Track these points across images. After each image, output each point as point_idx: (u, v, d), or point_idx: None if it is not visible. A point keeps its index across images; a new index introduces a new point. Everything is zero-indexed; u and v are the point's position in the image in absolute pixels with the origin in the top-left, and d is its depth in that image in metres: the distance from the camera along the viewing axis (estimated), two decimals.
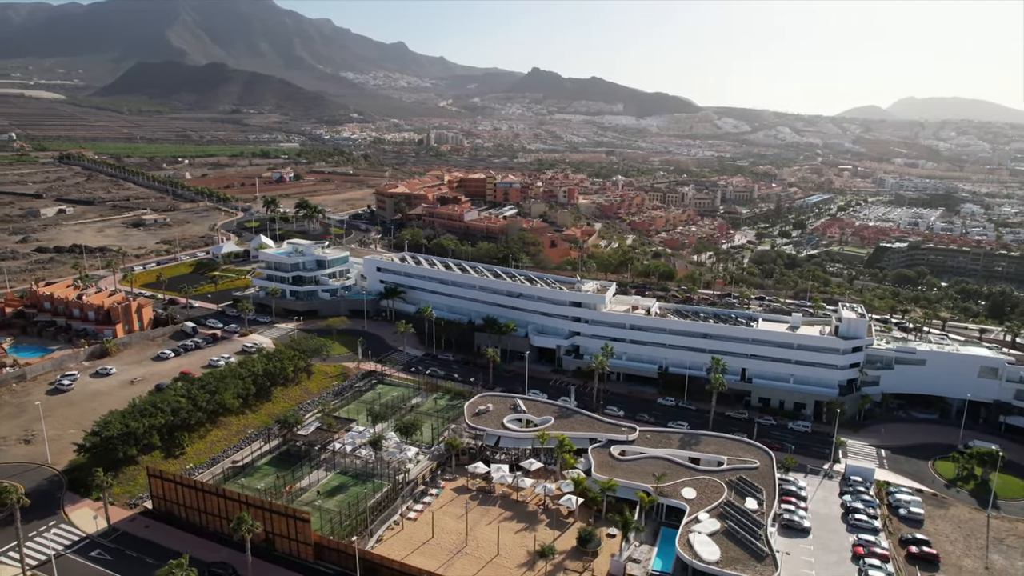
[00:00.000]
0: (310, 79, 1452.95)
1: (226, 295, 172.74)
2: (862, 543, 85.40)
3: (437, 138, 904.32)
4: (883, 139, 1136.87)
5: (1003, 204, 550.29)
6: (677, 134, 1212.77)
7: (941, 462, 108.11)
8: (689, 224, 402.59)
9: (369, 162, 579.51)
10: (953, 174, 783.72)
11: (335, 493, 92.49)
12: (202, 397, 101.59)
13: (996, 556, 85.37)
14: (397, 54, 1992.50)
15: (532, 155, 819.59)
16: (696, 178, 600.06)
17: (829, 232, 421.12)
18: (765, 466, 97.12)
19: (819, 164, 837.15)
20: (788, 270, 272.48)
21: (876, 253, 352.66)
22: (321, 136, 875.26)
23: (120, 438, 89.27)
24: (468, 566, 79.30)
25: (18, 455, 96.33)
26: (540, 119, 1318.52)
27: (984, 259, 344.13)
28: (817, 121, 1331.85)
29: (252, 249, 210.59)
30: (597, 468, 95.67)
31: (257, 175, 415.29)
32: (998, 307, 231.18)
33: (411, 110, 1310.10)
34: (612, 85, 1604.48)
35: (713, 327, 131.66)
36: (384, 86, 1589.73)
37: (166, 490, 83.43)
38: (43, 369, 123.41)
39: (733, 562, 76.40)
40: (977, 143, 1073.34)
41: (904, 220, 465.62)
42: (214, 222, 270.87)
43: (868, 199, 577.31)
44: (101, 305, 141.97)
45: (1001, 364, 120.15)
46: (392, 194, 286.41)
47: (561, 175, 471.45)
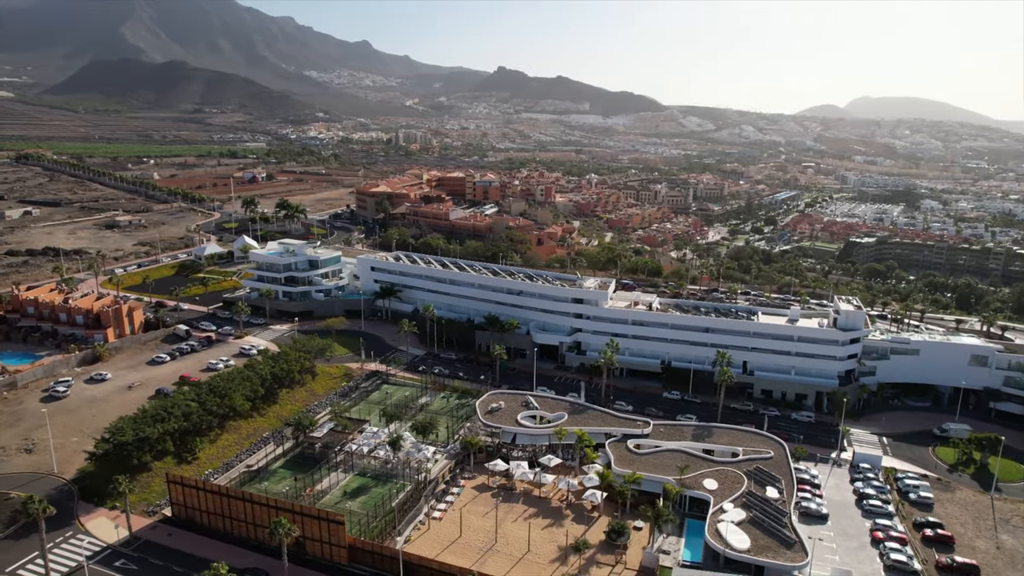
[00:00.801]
0: (273, 78, 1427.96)
1: (215, 297, 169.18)
2: (879, 527, 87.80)
3: (406, 137, 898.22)
4: (842, 137, 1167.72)
5: (959, 200, 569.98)
6: (643, 133, 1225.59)
7: (941, 448, 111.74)
8: (664, 221, 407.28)
9: (339, 161, 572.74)
10: (910, 171, 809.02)
11: (357, 495, 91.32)
12: (212, 401, 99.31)
13: (1005, 536, 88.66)
14: (361, 53, 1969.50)
15: (502, 154, 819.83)
16: (666, 176, 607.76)
17: (799, 228, 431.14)
18: (779, 456, 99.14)
19: (783, 162, 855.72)
20: (764, 265, 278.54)
21: (846, 248, 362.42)
22: (288, 136, 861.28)
23: (134, 444, 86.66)
24: (501, 564, 79.10)
25: (21, 465, 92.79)
26: (507, 118, 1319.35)
27: (947, 253, 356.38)
28: (779, 120, 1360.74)
29: (236, 250, 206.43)
30: (617, 462, 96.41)
31: (229, 175, 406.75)
32: (964, 298, 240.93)
33: (377, 109, 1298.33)
34: (578, 84, 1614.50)
35: (715, 321, 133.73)
36: (349, 85, 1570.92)
37: (187, 496, 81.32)
38: (34, 376, 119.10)
39: (763, 550, 77.84)
40: (930, 141, 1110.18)
41: (869, 216, 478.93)
42: (191, 223, 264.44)
43: (833, 195, 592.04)
44: (90, 309, 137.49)
45: (991, 352, 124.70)
46: (373, 193, 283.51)
47: (536, 174, 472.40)
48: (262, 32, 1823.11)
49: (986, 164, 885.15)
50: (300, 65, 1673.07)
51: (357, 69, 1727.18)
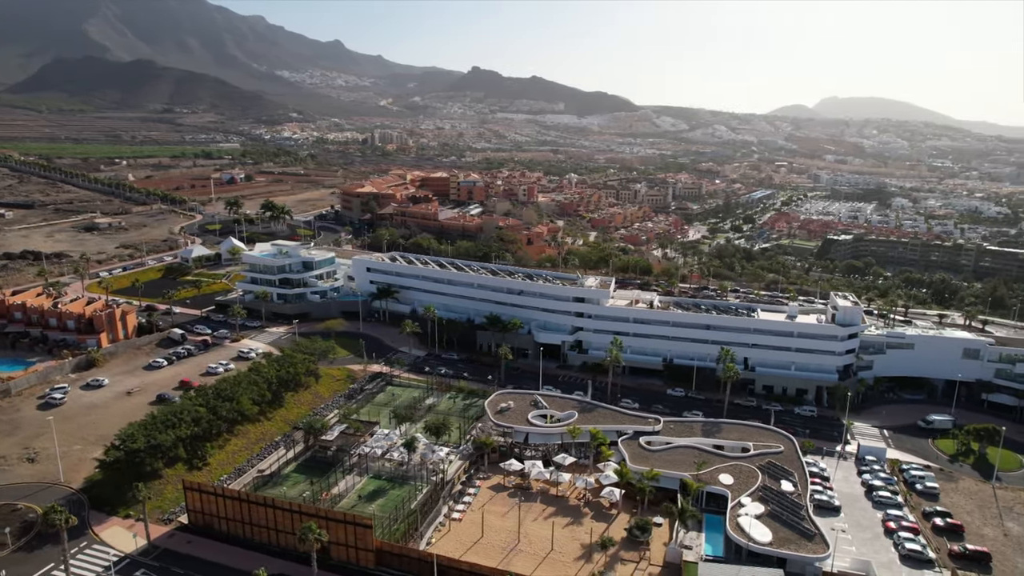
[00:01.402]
0: (244, 78, 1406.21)
1: (206, 300, 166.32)
2: (891, 518, 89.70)
3: (381, 137, 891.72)
4: (813, 136, 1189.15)
5: (928, 198, 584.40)
6: (618, 133, 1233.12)
7: (941, 439, 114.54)
8: (645, 220, 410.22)
9: (316, 162, 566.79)
10: (879, 170, 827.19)
11: (375, 497, 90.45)
12: (222, 406, 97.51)
13: (1011, 524, 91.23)
14: (333, 52, 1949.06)
15: (479, 154, 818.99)
16: (644, 175, 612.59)
17: (777, 226, 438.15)
18: (789, 450, 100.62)
19: (756, 161, 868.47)
20: (747, 263, 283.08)
21: (824, 245, 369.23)
22: (261, 136, 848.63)
23: (147, 451, 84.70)
24: (526, 563, 78.98)
25: (24, 475, 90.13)
26: (482, 118, 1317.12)
27: (921, 249, 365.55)
28: (751, 119, 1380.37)
29: (224, 252, 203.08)
30: (631, 459, 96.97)
31: (206, 176, 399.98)
32: (940, 293, 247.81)
33: (351, 109, 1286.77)
34: (552, 84, 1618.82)
35: (716, 318, 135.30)
36: (322, 85, 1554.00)
37: (205, 503, 79.73)
38: (28, 383, 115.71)
39: (785, 542, 79.02)
40: (897, 140, 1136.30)
41: (844, 214, 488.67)
42: (173, 225, 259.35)
43: (807, 194, 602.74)
44: (82, 313, 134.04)
45: (983, 346, 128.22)
46: (359, 194, 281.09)
47: (518, 173, 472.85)
48: (232, 31, 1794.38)
49: (950, 163, 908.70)
50: (272, 65, 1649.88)
51: (330, 69, 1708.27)
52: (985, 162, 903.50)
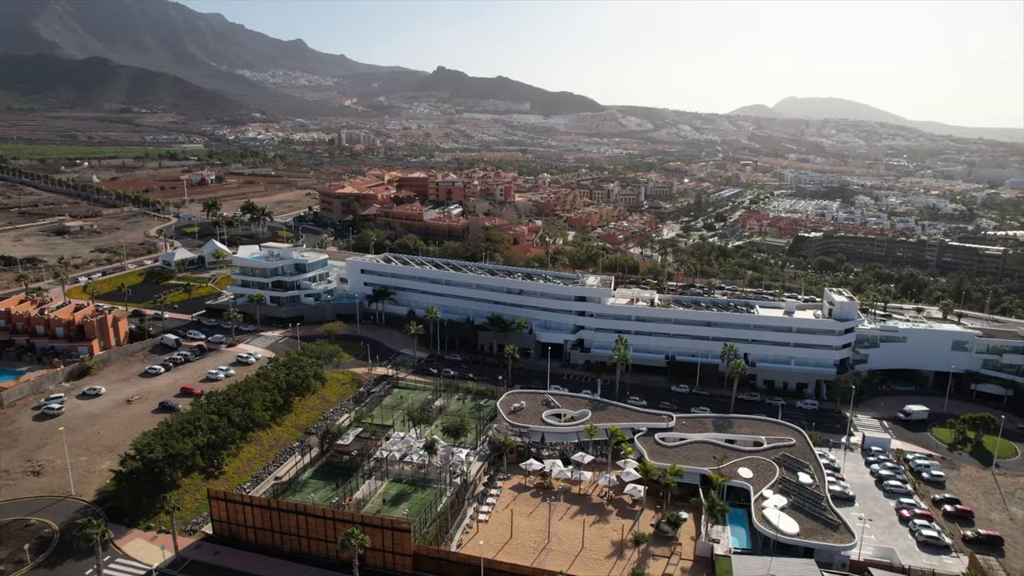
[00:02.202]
0: (204, 77, 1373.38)
1: (195, 304, 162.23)
2: (904, 506, 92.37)
3: (349, 138, 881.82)
4: (774, 136, 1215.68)
5: (888, 195, 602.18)
6: (584, 132, 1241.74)
7: (938, 429, 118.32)
8: (620, 220, 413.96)
9: (285, 163, 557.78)
10: (839, 168, 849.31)
11: (398, 501, 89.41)
12: (235, 412, 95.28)
13: (1015, 508, 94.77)
14: (296, 52, 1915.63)
15: (449, 154, 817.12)
16: (615, 175, 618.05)
17: (748, 224, 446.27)
18: (800, 443, 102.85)
19: (721, 160, 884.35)
20: (724, 260, 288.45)
21: (796, 242, 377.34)
22: (225, 137, 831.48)
23: (166, 461, 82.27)
24: (560, 562, 79.01)
25: (32, 488, 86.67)
26: (449, 118, 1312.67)
27: (887, 246, 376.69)
28: (714, 119, 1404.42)
29: (207, 255, 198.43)
30: (650, 455, 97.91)
31: (175, 178, 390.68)
32: (908, 288, 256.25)
33: (315, 109, 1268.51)
34: (518, 85, 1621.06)
35: (717, 315, 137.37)
36: (284, 85, 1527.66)
37: (231, 513, 77.78)
38: (21, 393, 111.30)
39: (811, 533, 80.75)
40: (854, 140, 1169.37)
41: (811, 211, 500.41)
42: (148, 228, 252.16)
43: (774, 192, 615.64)
44: (71, 320, 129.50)
45: (971, 337, 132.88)
46: (339, 195, 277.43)
47: (493, 173, 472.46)
48: (190, 29, 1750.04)
49: (906, 162, 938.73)
50: (232, 64, 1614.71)
51: (292, 68, 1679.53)
52: (938, 161, 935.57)
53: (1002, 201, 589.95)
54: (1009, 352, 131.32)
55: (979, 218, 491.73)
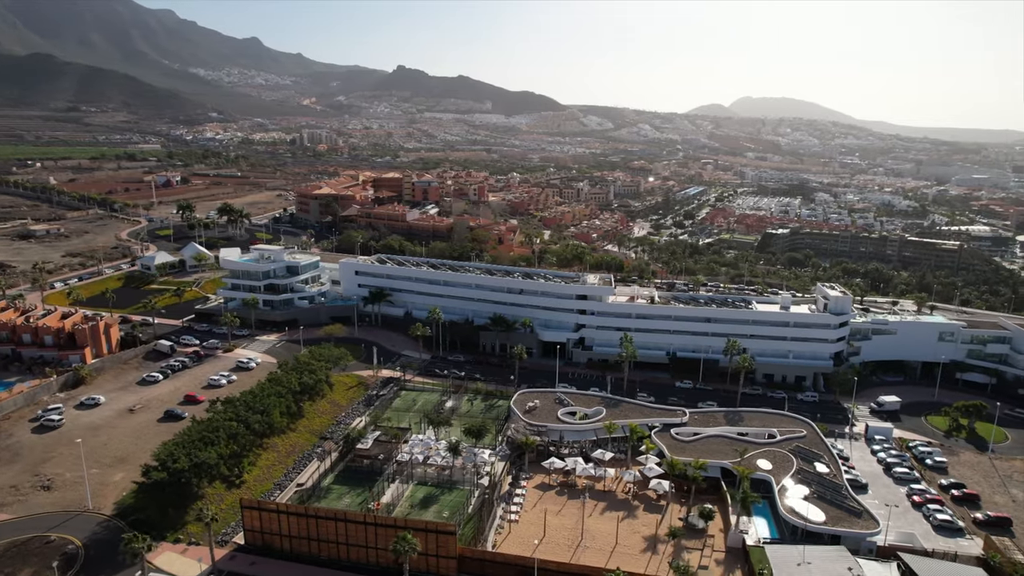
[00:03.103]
0: (157, 75, 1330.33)
1: (180, 309, 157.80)
2: (915, 492, 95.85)
3: (310, 138, 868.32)
4: (732, 135, 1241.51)
5: (846, 193, 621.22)
6: (547, 132, 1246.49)
7: (932, 416, 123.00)
8: (592, 218, 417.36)
9: (249, 163, 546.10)
10: (796, 166, 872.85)
11: (427, 504, 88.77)
12: (254, 419, 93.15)
13: (1016, 491, 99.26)
14: (251, 50, 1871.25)
15: (413, 154, 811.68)
16: (582, 174, 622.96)
17: (716, 221, 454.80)
18: (811, 434, 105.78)
19: (682, 159, 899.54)
20: (698, 257, 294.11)
21: (764, 239, 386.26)
22: (182, 137, 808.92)
23: (192, 471, 79.95)
24: (597, 559, 79.55)
25: (45, 504, 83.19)
26: (410, 118, 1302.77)
27: (851, 241, 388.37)
28: (673, 118, 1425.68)
29: (188, 259, 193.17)
30: (669, 450, 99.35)
31: (137, 179, 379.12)
32: (874, 282, 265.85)
33: (273, 109, 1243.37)
34: (479, 84, 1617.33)
35: (717, 311, 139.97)
36: (240, 83, 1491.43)
37: (265, 522, 76.07)
38: (15, 405, 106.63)
39: (837, 521, 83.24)
40: (809, 139, 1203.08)
41: (775, 208, 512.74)
42: (118, 231, 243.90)
43: (737, 190, 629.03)
44: (61, 328, 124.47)
45: (956, 329, 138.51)
46: (317, 196, 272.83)
47: (464, 173, 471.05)
48: (139, 26, 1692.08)
49: (858, 160, 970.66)
50: (185, 62, 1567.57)
51: (248, 67, 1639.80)
52: (888, 159, 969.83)
53: (951, 198, 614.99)
54: (992, 342, 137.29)
55: (931, 214, 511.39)
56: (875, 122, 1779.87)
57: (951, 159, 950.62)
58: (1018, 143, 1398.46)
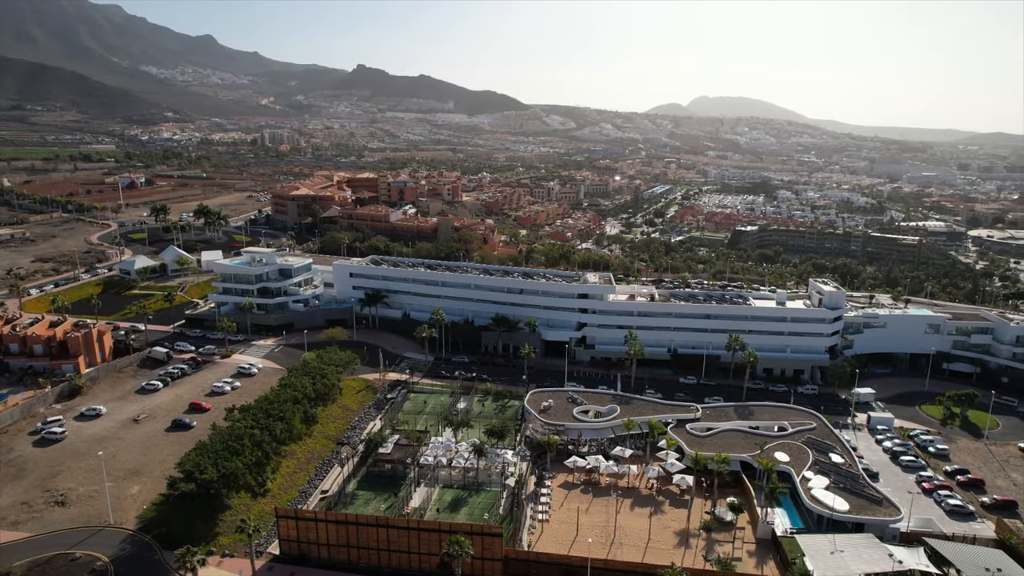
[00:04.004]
0: (105, 73, 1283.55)
1: (170, 315, 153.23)
2: (924, 479, 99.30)
3: (272, 138, 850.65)
4: (692, 134, 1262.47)
5: (807, 190, 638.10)
6: (510, 131, 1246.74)
7: (926, 405, 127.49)
8: (565, 217, 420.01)
9: (211, 164, 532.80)
10: (756, 164, 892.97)
11: (457, 507, 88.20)
12: (276, 426, 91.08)
13: (1015, 475, 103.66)
14: (205, 48, 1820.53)
15: (378, 154, 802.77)
16: (551, 173, 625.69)
17: (685, 219, 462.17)
18: (820, 426, 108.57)
19: (646, 158, 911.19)
20: (674, 254, 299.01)
21: (734, 236, 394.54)
22: (137, 137, 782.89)
23: (221, 481, 77.78)
24: (633, 555, 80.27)
25: (63, 520, 79.88)
26: (372, 117, 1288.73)
27: (817, 238, 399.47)
28: (634, 118, 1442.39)
29: (169, 263, 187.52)
30: (688, 445, 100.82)
31: (98, 181, 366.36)
32: (843, 277, 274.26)
33: (231, 109, 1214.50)
34: (441, 83, 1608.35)
35: (717, 308, 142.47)
36: (195, 82, 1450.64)
37: (302, 530, 74.48)
38: (11, 418, 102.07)
39: (860, 509, 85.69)
40: (766, 137, 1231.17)
41: (740, 206, 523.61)
42: (88, 235, 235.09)
43: (702, 188, 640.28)
44: (52, 336, 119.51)
45: (943, 321, 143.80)
46: (295, 197, 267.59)
47: (436, 173, 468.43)
48: (85, 21, 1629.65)
49: (815, 158, 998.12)
50: (136, 60, 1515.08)
51: (203, 65, 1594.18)
52: (843, 157, 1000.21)
53: (904, 194, 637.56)
54: (975, 333, 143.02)
55: (888, 210, 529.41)
56: (827, 121, 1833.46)
57: (901, 157, 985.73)
58: (960, 142, 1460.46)
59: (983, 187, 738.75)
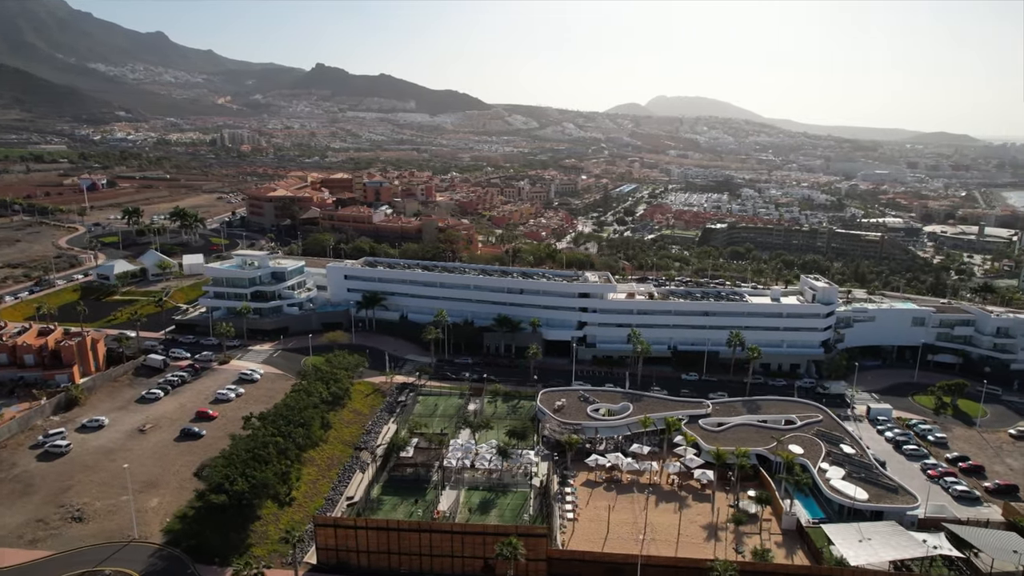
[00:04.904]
0: (50, 70, 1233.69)
1: (158, 321, 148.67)
2: (930, 467, 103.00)
3: (232, 138, 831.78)
4: (653, 133, 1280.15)
5: (768, 188, 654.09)
6: (472, 131, 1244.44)
7: (918, 396, 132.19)
8: (538, 217, 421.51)
9: (172, 164, 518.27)
10: (717, 163, 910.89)
11: (486, 508, 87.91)
12: (298, 433, 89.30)
13: (1009, 460, 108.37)
14: (156, 45, 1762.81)
15: (342, 154, 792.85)
16: (519, 173, 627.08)
17: (655, 217, 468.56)
18: (827, 418, 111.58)
19: (609, 157, 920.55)
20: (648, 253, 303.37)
21: (705, 234, 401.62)
22: (89, 137, 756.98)
23: (253, 491, 75.88)
24: (666, 550, 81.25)
25: (84, 536, 76.82)
26: (332, 117, 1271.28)
27: (784, 235, 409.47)
28: (595, 117, 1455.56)
29: (150, 267, 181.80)
30: (704, 440, 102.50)
31: (55, 183, 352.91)
32: (812, 272, 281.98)
33: (186, 108, 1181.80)
34: (402, 82, 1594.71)
35: (715, 305, 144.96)
36: (147, 81, 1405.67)
37: (341, 539, 73.24)
38: (9, 431, 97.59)
39: (879, 498, 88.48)
40: (724, 136, 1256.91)
41: (707, 205, 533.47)
42: (55, 239, 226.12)
43: (668, 187, 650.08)
44: (44, 345, 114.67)
45: (927, 314, 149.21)
46: (272, 198, 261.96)
47: (407, 173, 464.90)
48: (27, 16, 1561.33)
49: (772, 156, 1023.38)
50: (83, 57, 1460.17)
51: (154, 63, 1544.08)
52: (800, 156, 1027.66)
53: (861, 192, 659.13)
54: (958, 325, 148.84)
55: (848, 207, 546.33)
56: (782, 120, 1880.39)
57: (854, 156, 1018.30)
58: (907, 141, 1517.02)
59: (931, 184, 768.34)
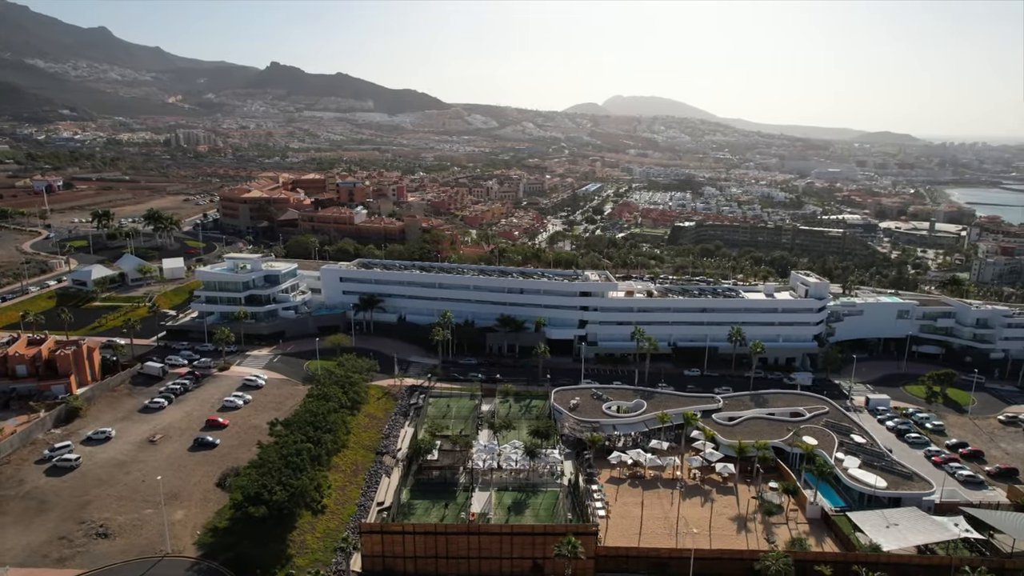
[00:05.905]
0: None
1: (147, 327, 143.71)
2: (933, 453, 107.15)
3: (187, 138, 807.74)
4: (611, 132, 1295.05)
5: (729, 186, 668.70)
6: (432, 131, 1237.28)
7: (909, 386, 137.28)
8: (510, 216, 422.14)
9: (128, 165, 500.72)
10: (676, 162, 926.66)
11: (519, 509, 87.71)
12: (327, 439, 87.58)
13: (1004, 445, 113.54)
14: (100, 41, 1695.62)
15: (302, 154, 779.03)
16: (485, 172, 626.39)
17: (623, 216, 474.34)
18: (833, 409, 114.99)
19: (570, 156, 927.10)
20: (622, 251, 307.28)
21: (674, 232, 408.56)
22: (32, 137, 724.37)
23: (292, 500, 74.13)
24: (701, 542, 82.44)
25: (113, 553, 73.80)
26: (289, 117, 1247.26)
27: (750, 232, 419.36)
28: (554, 116, 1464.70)
29: (129, 272, 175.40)
30: (720, 434, 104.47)
31: (7, 185, 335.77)
32: (781, 268, 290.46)
33: (135, 107, 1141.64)
34: (359, 82, 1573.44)
35: (713, 301, 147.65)
36: (91, 78, 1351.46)
37: (387, 545, 72.20)
38: (11, 446, 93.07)
39: (896, 485, 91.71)
40: (682, 136, 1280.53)
41: (672, 203, 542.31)
42: (18, 243, 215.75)
43: (632, 185, 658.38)
44: (37, 355, 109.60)
45: (912, 307, 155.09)
46: (246, 200, 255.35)
47: (376, 173, 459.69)
48: None
49: (729, 155, 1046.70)
50: (19, 52, 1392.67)
51: (98, 60, 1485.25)
52: (756, 154, 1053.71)
53: (818, 189, 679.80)
54: (940, 317, 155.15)
55: (806, 204, 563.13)
56: (736, 120, 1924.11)
57: (807, 154, 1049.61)
58: (855, 140, 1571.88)
59: (881, 182, 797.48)
